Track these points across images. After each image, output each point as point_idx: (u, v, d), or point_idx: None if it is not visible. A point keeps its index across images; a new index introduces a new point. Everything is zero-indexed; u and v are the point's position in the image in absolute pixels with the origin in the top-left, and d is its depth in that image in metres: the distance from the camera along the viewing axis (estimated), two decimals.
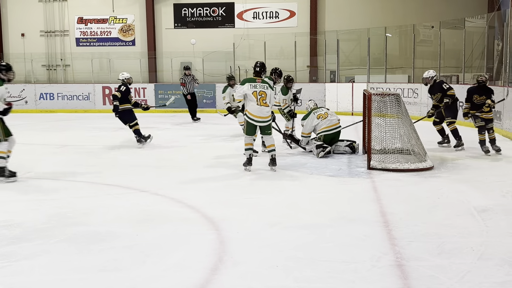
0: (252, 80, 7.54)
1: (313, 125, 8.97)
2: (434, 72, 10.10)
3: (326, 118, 8.93)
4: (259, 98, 7.41)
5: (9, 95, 19.66)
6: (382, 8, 20.06)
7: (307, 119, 9.08)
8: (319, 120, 8.91)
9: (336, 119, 9.01)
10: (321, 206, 5.67)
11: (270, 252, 4.20)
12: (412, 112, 14.01)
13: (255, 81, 7.51)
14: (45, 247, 4.34)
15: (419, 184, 6.65)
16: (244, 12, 21.04)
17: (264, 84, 7.56)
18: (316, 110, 9.20)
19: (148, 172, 7.76)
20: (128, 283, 3.63)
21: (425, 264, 3.89)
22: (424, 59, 17.97)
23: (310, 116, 9.07)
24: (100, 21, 21.69)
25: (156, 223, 5.02)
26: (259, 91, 7.44)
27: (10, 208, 5.64)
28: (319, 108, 9.32)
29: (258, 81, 7.53)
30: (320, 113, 9.05)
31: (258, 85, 7.48)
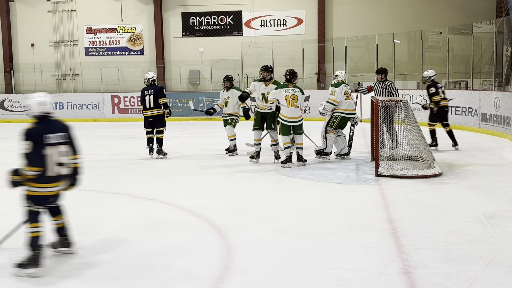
0: (285, 86, 8.51)
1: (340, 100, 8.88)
2: (433, 72, 10.35)
3: (349, 100, 8.94)
4: (290, 101, 8.36)
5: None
6: (390, 14, 20.04)
7: (338, 88, 8.91)
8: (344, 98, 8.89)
9: (353, 104, 9.08)
10: (328, 213, 5.65)
11: (276, 260, 4.19)
12: (421, 118, 13.96)
13: (287, 86, 8.49)
14: (52, 256, 4.34)
15: (428, 190, 6.60)
16: (252, 20, 21.10)
17: (296, 88, 8.52)
18: (346, 85, 9.07)
19: (155, 180, 7.78)
20: None
21: (433, 272, 3.86)
22: (433, 65, 17.90)
23: (341, 87, 8.94)
24: (109, 31, 21.84)
25: (163, 232, 5.02)
26: (291, 95, 8.39)
27: (18, 217, 5.63)
28: (347, 85, 9.13)
29: (290, 86, 8.51)
30: (347, 90, 8.99)
31: (290, 90, 8.43)
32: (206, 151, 10.71)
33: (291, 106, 8.36)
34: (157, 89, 9.79)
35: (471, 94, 13.61)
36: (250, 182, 7.45)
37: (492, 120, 12.22)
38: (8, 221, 5.49)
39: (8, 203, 6.36)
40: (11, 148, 12.02)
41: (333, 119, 8.87)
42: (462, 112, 13.66)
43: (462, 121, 13.64)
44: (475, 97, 13.12)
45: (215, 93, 18.85)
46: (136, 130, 14.00)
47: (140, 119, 10.24)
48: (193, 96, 19.11)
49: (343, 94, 8.88)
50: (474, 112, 13.12)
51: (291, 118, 8.41)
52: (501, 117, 11.70)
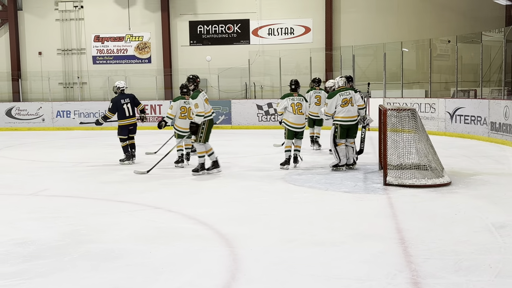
0: (290, 94, 9.21)
1: (335, 107, 8.73)
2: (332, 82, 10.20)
3: (347, 107, 8.69)
4: (296, 108, 9.06)
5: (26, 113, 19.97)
6: (398, 23, 20.04)
7: (331, 100, 8.76)
8: (339, 105, 8.70)
9: (355, 110, 8.79)
10: (336, 222, 5.61)
11: (284, 269, 4.16)
12: (430, 127, 13.95)
13: (292, 95, 9.19)
14: (59, 265, 4.34)
15: (436, 200, 6.55)
16: (259, 28, 21.16)
17: (300, 97, 9.25)
18: (342, 92, 8.77)
19: (161, 189, 7.77)
20: None
21: (441, 282, 3.81)
22: (441, 73, 17.91)
23: (335, 97, 8.75)
24: (116, 39, 21.96)
25: (169, 240, 5.00)
26: (296, 103, 9.11)
27: (25, 225, 5.66)
28: (345, 91, 8.78)
29: (295, 95, 9.23)
30: (346, 97, 8.73)
31: (295, 98, 9.16)
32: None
33: (297, 113, 9.08)
34: (132, 97, 10.33)
35: (480, 103, 13.55)
36: (257, 191, 7.43)
37: (501, 129, 12.15)
38: (16, 229, 5.52)
39: (17, 211, 6.40)
40: (18, 156, 12.12)
41: (335, 130, 8.80)
42: (471, 121, 13.61)
43: (471, 130, 13.58)
44: (484, 106, 13.07)
45: (222, 102, 18.96)
46: (143, 138, 14.01)
47: (151, 127, 10.27)
48: None
49: (340, 102, 8.70)
50: (483, 121, 13.06)
51: (297, 125, 9.13)
52: (510, 126, 11.64)
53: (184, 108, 9.59)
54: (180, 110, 9.58)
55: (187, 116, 9.52)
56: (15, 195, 7.39)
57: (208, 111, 8.77)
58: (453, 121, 14.31)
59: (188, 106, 9.48)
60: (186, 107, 9.57)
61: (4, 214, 6.22)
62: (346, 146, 8.84)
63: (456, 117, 14.20)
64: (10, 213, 6.26)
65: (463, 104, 14.18)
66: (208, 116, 8.76)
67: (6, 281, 3.98)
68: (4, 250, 4.73)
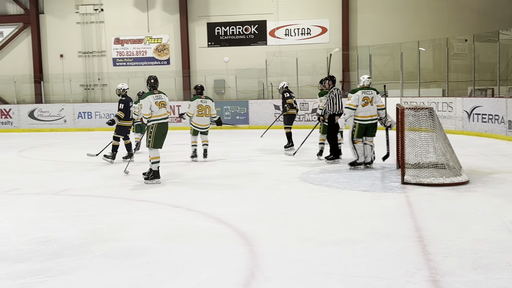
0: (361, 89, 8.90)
1: (357, 104, 8.79)
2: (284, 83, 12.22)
3: (367, 106, 8.80)
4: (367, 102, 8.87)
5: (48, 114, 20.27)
6: (415, 22, 19.93)
7: (354, 94, 8.84)
8: (361, 104, 8.78)
9: (375, 110, 8.90)
10: (354, 221, 5.64)
11: (302, 267, 4.19)
12: (447, 126, 13.88)
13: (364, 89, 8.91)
14: (82, 263, 4.42)
15: (454, 198, 6.54)
16: (276, 29, 21.20)
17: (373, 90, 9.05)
18: (365, 90, 8.91)
19: (181, 188, 7.86)
20: None
21: (460, 280, 3.82)
22: (459, 72, 17.76)
23: (358, 92, 8.85)
24: (136, 41, 22.16)
25: (189, 239, 5.07)
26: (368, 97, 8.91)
27: (48, 224, 5.77)
28: (368, 90, 8.93)
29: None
30: (367, 96, 8.84)
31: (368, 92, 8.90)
32: (230, 159, 10.78)
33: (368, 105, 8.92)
34: (131, 100, 10.85)
35: (497, 101, 13.45)
36: (275, 190, 7.47)
37: None
38: (39, 227, 5.63)
39: (40, 210, 6.53)
40: (41, 156, 12.31)
41: (353, 129, 8.84)
42: (488, 119, 13.51)
43: (488, 128, 13.49)
44: (502, 104, 12.97)
45: (240, 102, 19.05)
46: None
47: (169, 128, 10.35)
48: (219, 105, 19.24)
49: (361, 100, 8.81)
50: (500, 119, 12.96)
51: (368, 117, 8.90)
52: None
53: (200, 106, 10.47)
54: (197, 109, 10.46)
55: (203, 114, 10.46)
56: (38, 195, 7.53)
57: (158, 114, 8.20)
58: (470, 119, 14.22)
59: (205, 104, 10.46)
60: (202, 105, 10.46)
61: (28, 213, 6.33)
62: (364, 144, 8.87)
63: (474, 116, 14.10)
64: (34, 212, 6.38)
65: (481, 103, 14.08)
66: (157, 120, 8.21)
67: (30, 278, 4.07)
68: (28, 248, 4.84)
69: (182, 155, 11.23)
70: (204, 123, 10.51)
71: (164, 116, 8.28)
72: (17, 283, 3.98)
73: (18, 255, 4.64)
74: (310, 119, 18.28)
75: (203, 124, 10.51)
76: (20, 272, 4.20)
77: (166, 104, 8.35)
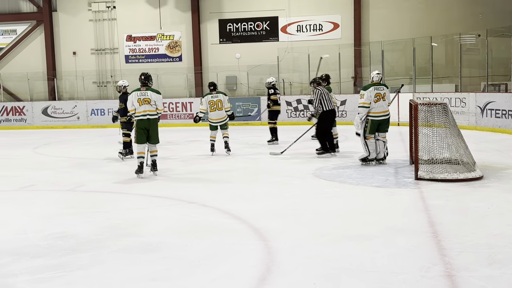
0: (373, 85, 8.87)
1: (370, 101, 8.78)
2: (272, 79, 12.86)
3: (379, 102, 8.80)
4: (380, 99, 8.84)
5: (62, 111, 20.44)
6: (427, 17, 19.80)
7: (367, 91, 8.82)
8: (374, 100, 8.76)
9: (386, 105, 8.91)
10: (368, 216, 5.65)
11: (317, 262, 4.22)
12: (460, 122, 13.80)
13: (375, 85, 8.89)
14: (99, 258, 4.48)
15: (468, 194, 6.53)
16: (288, 25, 21.17)
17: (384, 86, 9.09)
18: (377, 86, 8.90)
19: (196, 183, 7.92)
20: None
21: (475, 275, 3.82)
22: (471, 68, 17.65)
23: (370, 89, 8.83)
24: (148, 39, 22.24)
25: (204, 234, 5.11)
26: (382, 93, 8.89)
27: (64, 220, 5.84)
28: (380, 86, 8.93)
29: None
30: (379, 92, 8.84)
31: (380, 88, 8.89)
32: (244, 155, 10.81)
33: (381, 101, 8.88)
34: None
35: (511, 97, 13.37)
36: (289, 186, 7.50)
37: None
38: (56, 223, 5.70)
39: (56, 206, 6.60)
40: (55, 153, 12.42)
41: (365, 125, 8.83)
42: (502, 115, 13.43)
43: (502, 124, 13.40)
44: None
45: (252, 98, 19.07)
46: (175, 135, 14.24)
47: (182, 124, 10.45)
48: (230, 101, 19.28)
49: (373, 96, 8.79)
50: None
51: (383, 112, 8.88)
52: None
53: (211, 102, 10.86)
54: (209, 104, 10.83)
55: (216, 108, 10.84)
56: (54, 191, 7.60)
57: (138, 111, 8.46)
58: (483, 115, 14.14)
59: (216, 99, 10.85)
60: (213, 100, 10.85)
61: (44, 209, 6.41)
62: (377, 140, 8.87)
63: (487, 111, 14.02)
64: (50, 208, 6.45)
65: (494, 98, 13.99)
66: (137, 116, 8.48)
67: (48, 273, 4.13)
68: (45, 244, 4.90)
69: (198, 151, 11.31)
70: (218, 117, 10.88)
71: (143, 112, 8.44)
72: (35, 278, 4.04)
73: (36, 250, 4.70)
74: None
75: (218, 118, 10.87)
76: (38, 267, 4.26)
77: (150, 101, 8.49)
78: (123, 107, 10.56)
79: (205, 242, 4.86)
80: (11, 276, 4.08)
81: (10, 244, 4.92)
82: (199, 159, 10.47)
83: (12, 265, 4.32)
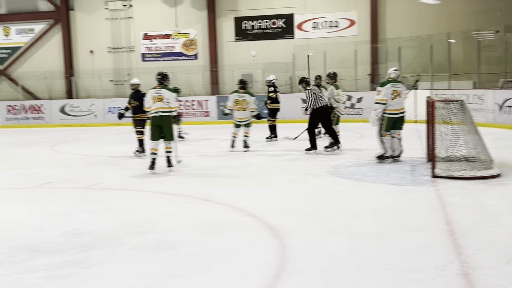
0: (390, 81, 8.80)
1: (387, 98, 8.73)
2: (272, 77, 13.37)
3: (396, 99, 8.74)
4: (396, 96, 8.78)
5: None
6: (444, 14, 19.59)
7: (384, 87, 8.76)
8: (391, 97, 8.71)
9: (403, 102, 8.86)
10: (383, 214, 5.62)
11: (332, 260, 4.21)
12: (478, 119, 13.62)
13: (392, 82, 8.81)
14: (114, 255, 4.52)
15: (486, 192, 6.47)
16: (304, 22, 21.12)
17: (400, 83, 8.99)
18: (394, 83, 8.84)
19: (210, 181, 7.94)
20: None
21: (492, 273, 3.79)
22: (490, 64, 17.44)
23: (387, 86, 8.77)
24: (164, 37, 22.34)
25: (219, 231, 5.12)
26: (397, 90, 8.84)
27: (81, 217, 5.89)
28: (397, 83, 8.87)
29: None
30: (396, 90, 8.78)
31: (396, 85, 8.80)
32: (258, 153, 10.81)
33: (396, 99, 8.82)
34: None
35: None
36: (304, 183, 7.49)
37: None
38: (72, 220, 5.75)
39: (73, 203, 6.67)
40: (73, 151, 12.54)
41: (381, 122, 8.76)
42: None
43: None
44: None
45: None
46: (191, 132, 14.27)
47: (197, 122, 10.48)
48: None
49: (390, 93, 8.74)
50: None
51: (398, 110, 8.82)
52: None
53: (237, 101, 11.12)
54: (234, 103, 11.09)
55: (240, 108, 11.09)
56: (71, 188, 7.68)
57: (152, 108, 8.76)
58: (502, 112, 13.97)
59: (242, 98, 11.09)
60: (239, 100, 11.09)
61: (61, 207, 6.46)
62: (392, 138, 8.81)
63: (505, 109, 13.86)
64: (67, 206, 6.51)
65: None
66: (151, 113, 8.77)
67: (65, 270, 4.16)
68: (62, 240, 4.95)
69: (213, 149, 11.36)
70: (241, 116, 11.12)
71: (156, 110, 8.69)
72: (52, 274, 4.07)
73: (53, 247, 4.75)
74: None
75: (241, 117, 11.12)
76: (54, 263, 4.30)
77: (163, 98, 8.70)
78: (137, 105, 10.56)
79: (220, 239, 4.87)
80: (28, 272, 4.13)
81: (27, 241, 4.97)
82: (214, 156, 10.51)
83: (29, 262, 4.36)
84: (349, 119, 17.54)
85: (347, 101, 18.15)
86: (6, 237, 5.11)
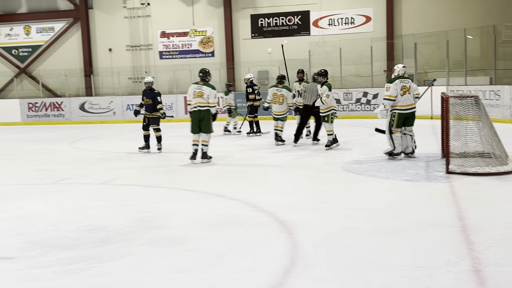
0: (399, 77, 8.76)
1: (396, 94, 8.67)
2: (250, 75, 14.11)
3: (405, 95, 8.67)
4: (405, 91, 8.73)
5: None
6: (461, 9, 19.39)
7: (393, 84, 8.70)
8: (400, 93, 8.65)
9: (412, 99, 8.78)
10: (397, 210, 5.60)
11: (344, 256, 4.21)
12: (495, 115, 13.51)
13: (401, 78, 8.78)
14: (127, 250, 4.56)
15: (500, 188, 6.41)
16: (320, 19, 21.06)
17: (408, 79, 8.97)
18: (403, 79, 8.78)
19: (224, 178, 7.99)
20: (203, 284, 3.75)
21: (504, 270, 3.76)
22: (507, 60, 17.22)
23: (396, 82, 8.71)
24: (181, 35, 22.45)
25: (231, 227, 5.15)
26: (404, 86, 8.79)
27: (96, 213, 5.97)
28: (405, 79, 8.81)
29: None
30: (405, 85, 8.73)
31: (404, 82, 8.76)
32: (270, 149, 10.84)
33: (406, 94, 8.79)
34: (160, 94, 11.34)
35: None
36: (317, 180, 7.49)
37: None
38: (87, 215, 5.84)
39: (89, 199, 6.75)
40: (91, 147, 12.68)
41: (392, 118, 8.71)
42: None
43: None
44: None
45: None
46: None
47: None
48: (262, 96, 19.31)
49: (399, 89, 8.67)
50: None
51: (408, 106, 8.75)
52: None
53: (275, 95, 11.43)
54: (273, 97, 11.43)
55: (278, 102, 11.41)
56: (88, 184, 7.78)
57: (192, 103, 9.27)
58: None
59: (280, 93, 11.39)
60: (277, 94, 11.40)
61: (77, 202, 6.55)
62: (404, 135, 8.76)
63: None
64: (83, 201, 6.59)
65: None
66: (191, 108, 9.30)
67: (78, 264, 4.21)
68: (76, 236, 5.01)
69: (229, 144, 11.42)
70: (278, 110, 11.46)
71: (195, 105, 9.18)
72: (65, 269, 4.12)
73: (67, 242, 4.81)
74: (354, 109, 18.18)
75: (278, 111, 11.46)
76: (68, 258, 4.35)
77: (203, 94, 9.20)
78: (150, 103, 10.64)
79: (231, 235, 4.90)
80: (42, 267, 4.19)
81: (42, 236, 5.04)
82: (227, 153, 10.53)
83: (43, 257, 4.42)
84: (365, 115, 17.48)
85: (363, 97, 18.09)
86: (22, 233, 5.19)
